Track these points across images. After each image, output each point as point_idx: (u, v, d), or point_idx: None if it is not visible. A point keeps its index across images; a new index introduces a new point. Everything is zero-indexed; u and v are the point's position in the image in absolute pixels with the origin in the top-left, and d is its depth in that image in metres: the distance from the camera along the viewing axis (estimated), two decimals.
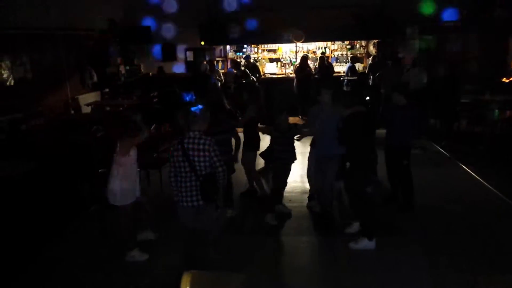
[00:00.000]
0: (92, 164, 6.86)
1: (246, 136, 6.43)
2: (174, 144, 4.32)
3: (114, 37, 12.11)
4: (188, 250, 4.58)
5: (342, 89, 11.52)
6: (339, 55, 14.22)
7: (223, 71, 13.46)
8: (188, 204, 4.29)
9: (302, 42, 13.35)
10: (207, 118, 4.41)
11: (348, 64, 13.07)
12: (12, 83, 8.02)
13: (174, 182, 4.38)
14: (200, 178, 4.20)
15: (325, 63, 12.48)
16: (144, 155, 6.86)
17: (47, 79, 9.18)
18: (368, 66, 12.70)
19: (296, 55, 14.01)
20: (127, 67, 12.99)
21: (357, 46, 14.26)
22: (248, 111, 6.42)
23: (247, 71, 11.45)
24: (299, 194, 6.77)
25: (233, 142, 6.16)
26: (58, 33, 9.58)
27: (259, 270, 4.77)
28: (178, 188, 4.34)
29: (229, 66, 13.62)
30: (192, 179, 4.22)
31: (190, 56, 14.00)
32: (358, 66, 13.43)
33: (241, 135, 6.37)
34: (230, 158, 5.94)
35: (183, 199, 4.31)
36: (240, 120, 6.53)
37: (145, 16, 12.95)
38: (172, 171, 4.37)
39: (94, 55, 11.23)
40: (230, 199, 6.16)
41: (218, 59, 14.17)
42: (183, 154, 4.19)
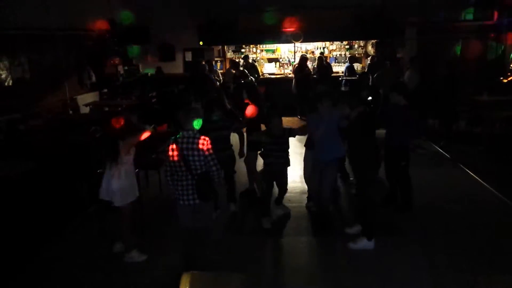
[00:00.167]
0: (91, 165, 6.85)
1: (248, 137, 6.42)
2: (169, 144, 4.34)
3: (112, 37, 12.09)
4: (188, 250, 4.57)
5: (345, 89, 11.56)
6: (337, 55, 14.23)
7: (221, 71, 13.46)
8: (184, 202, 4.33)
9: (301, 42, 13.35)
10: (202, 117, 4.42)
11: (346, 64, 13.08)
12: (10, 83, 8.01)
13: (171, 180, 4.42)
14: (195, 177, 4.21)
15: (323, 63, 12.48)
16: (143, 155, 6.85)
17: (45, 79, 9.16)
18: (367, 66, 12.71)
19: (294, 55, 14.02)
20: (126, 68, 12.98)
21: (355, 46, 14.27)
22: (247, 110, 6.41)
23: (246, 71, 11.45)
24: (298, 194, 6.76)
25: (233, 141, 6.14)
26: (57, 33, 9.56)
27: (259, 270, 4.78)
28: (175, 187, 4.39)
29: (227, 66, 13.62)
30: (188, 177, 4.26)
31: (188, 56, 14.01)
32: (357, 66, 13.44)
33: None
34: (230, 155, 5.94)
35: (180, 197, 4.35)
36: (242, 121, 6.50)
37: (143, 16, 12.92)
38: (169, 170, 4.41)
39: (93, 55, 11.21)
40: (233, 196, 6.18)
41: (216, 59, 14.17)
42: (178, 154, 4.21)
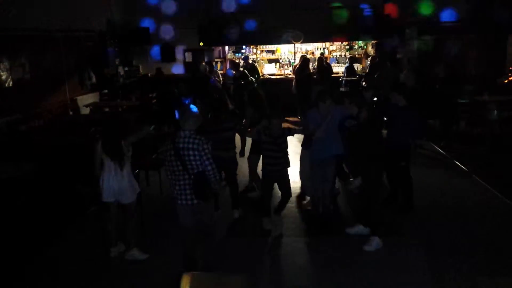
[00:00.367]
0: (91, 165, 6.84)
1: (251, 139, 6.42)
2: (167, 144, 4.35)
3: (113, 38, 12.10)
4: (188, 251, 4.57)
5: (345, 89, 11.57)
6: (338, 56, 14.22)
7: (222, 72, 13.45)
8: (182, 202, 4.34)
9: (301, 43, 13.35)
10: (199, 117, 4.43)
11: (346, 64, 13.06)
12: (11, 84, 8.01)
13: (171, 180, 4.44)
14: (192, 177, 4.22)
15: (323, 63, 12.47)
16: (143, 156, 6.86)
17: (46, 80, 9.17)
18: (369, 66, 12.67)
19: (294, 55, 14.01)
20: (126, 68, 12.99)
21: (355, 47, 14.26)
22: (247, 112, 6.42)
23: (246, 72, 11.44)
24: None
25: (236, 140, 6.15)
26: (57, 34, 9.57)
27: (259, 272, 4.78)
28: (174, 187, 4.40)
29: (228, 67, 13.61)
30: (185, 177, 4.27)
31: (188, 57, 14.02)
32: (357, 67, 13.43)
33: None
34: (232, 156, 5.92)
35: (178, 197, 4.37)
36: (244, 123, 6.47)
37: (143, 17, 12.93)
38: (168, 169, 4.42)
39: (93, 56, 11.22)
40: (237, 202, 6.14)
41: (217, 60, 14.16)
42: (175, 153, 4.23)
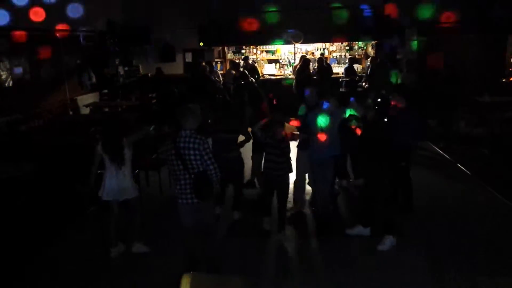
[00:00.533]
0: (91, 165, 6.84)
1: (254, 139, 6.41)
2: (169, 143, 4.37)
3: (113, 38, 12.09)
4: (189, 251, 4.57)
5: (345, 90, 11.56)
6: (338, 56, 14.22)
7: (222, 72, 13.45)
8: (183, 201, 4.36)
9: (301, 43, 13.35)
10: (199, 116, 4.44)
11: (346, 65, 13.06)
12: (11, 84, 8.01)
13: (173, 179, 4.44)
14: (192, 176, 4.23)
15: (324, 64, 12.47)
16: (143, 156, 6.86)
17: (46, 80, 9.17)
18: (370, 67, 12.61)
19: (294, 56, 14.01)
20: (126, 68, 12.98)
21: (355, 47, 14.26)
22: (247, 112, 6.42)
23: (246, 72, 11.43)
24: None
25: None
26: (57, 34, 9.57)
27: (259, 272, 4.77)
28: (175, 186, 4.42)
29: (228, 67, 13.61)
30: (186, 177, 4.28)
31: (188, 57, 14.02)
32: (357, 67, 13.42)
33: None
34: (236, 157, 5.90)
35: (179, 196, 4.38)
36: (245, 123, 6.46)
37: (144, 17, 12.92)
38: (170, 169, 4.45)
39: (93, 56, 11.21)
40: (239, 203, 6.13)
41: (217, 60, 14.17)
42: (175, 153, 4.25)
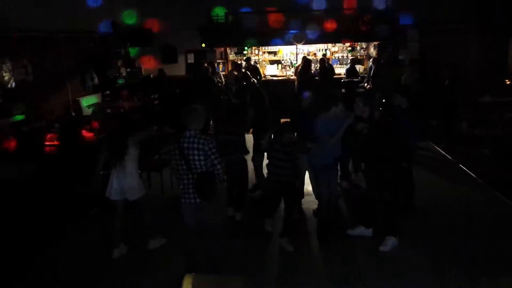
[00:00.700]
0: (93, 166, 6.85)
1: (255, 139, 6.40)
2: (173, 143, 4.41)
3: (115, 39, 12.11)
4: (191, 251, 4.58)
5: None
6: (340, 57, 14.21)
7: (224, 73, 13.46)
8: (186, 201, 4.38)
9: (303, 44, 13.35)
10: (204, 117, 4.44)
11: (348, 66, 13.04)
12: (13, 85, 8.04)
13: (176, 179, 4.48)
14: (195, 176, 4.24)
15: (326, 65, 12.47)
16: (145, 157, 6.86)
17: (48, 81, 9.18)
18: (374, 68, 12.57)
19: (296, 57, 14.02)
20: (128, 69, 13.00)
21: (357, 48, 14.25)
22: (249, 113, 6.42)
23: (248, 73, 11.44)
24: None
25: None
26: (59, 35, 9.59)
27: (259, 273, 4.78)
28: (179, 186, 4.44)
29: (230, 68, 13.62)
30: (189, 177, 4.31)
31: (190, 58, 14.04)
32: (359, 68, 13.41)
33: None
34: (238, 158, 5.90)
35: (182, 195, 4.40)
36: (246, 125, 6.46)
37: (146, 18, 12.94)
38: (174, 168, 4.46)
39: (95, 57, 11.23)
40: (241, 204, 6.13)
41: (218, 61, 14.18)
42: (179, 153, 4.27)
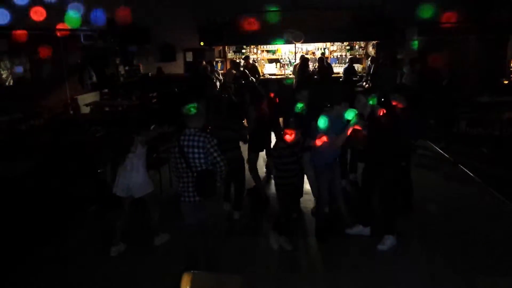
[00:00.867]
0: (91, 164, 6.85)
1: (250, 138, 6.40)
2: (173, 141, 4.40)
3: (113, 37, 12.09)
4: (190, 249, 4.58)
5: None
6: (338, 56, 14.23)
7: (222, 72, 13.46)
8: (185, 199, 4.37)
9: (301, 43, 13.35)
10: (204, 115, 4.43)
11: (346, 64, 13.04)
12: (11, 83, 8.02)
13: (176, 177, 4.48)
14: (195, 174, 4.24)
15: (324, 64, 12.47)
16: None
17: (46, 79, 9.17)
18: (371, 67, 12.57)
19: (295, 56, 14.02)
20: (126, 68, 12.98)
21: (356, 47, 14.27)
22: (250, 113, 6.40)
23: (247, 71, 11.44)
24: None
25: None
26: (58, 33, 9.57)
27: (259, 272, 4.78)
28: (178, 184, 4.43)
29: (228, 66, 13.61)
30: (189, 175, 4.30)
31: (189, 56, 14.03)
32: (357, 67, 13.42)
33: None
34: (236, 155, 5.88)
35: (182, 194, 4.39)
36: (247, 128, 6.45)
37: (144, 16, 12.92)
38: (173, 167, 4.46)
39: (94, 55, 11.22)
40: (240, 203, 6.13)
41: (217, 59, 14.17)
42: (179, 151, 4.26)
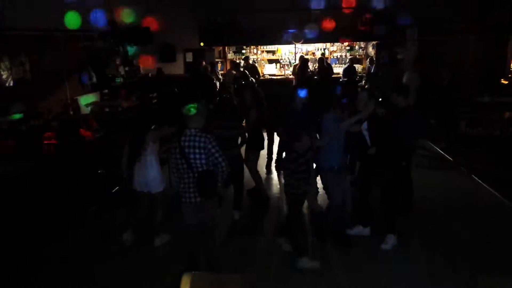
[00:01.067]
0: (92, 165, 6.86)
1: (250, 136, 6.41)
2: (174, 142, 4.38)
3: (113, 38, 12.08)
4: (190, 250, 4.57)
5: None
6: (338, 56, 14.23)
7: (222, 72, 13.46)
8: (186, 200, 4.36)
9: (301, 43, 13.35)
10: (204, 115, 4.43)
11: (346, 65, 13.05)
12: (11, 84, 8.02)
13: (176, 178, 4.45)
14: (196, 175, 4.23)
15: (324, 64, 12.48)
16: None
17: (46, 80, 9.16)
18: (372, 68, 12.57)
19: (295, 56, 14.03)
20: (126, 68, 12.97)
21: (356, 47, 14.27)
22: (251, 113, 6.40)
23: (247, 72, 11.44)
24: None
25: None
26: (58, 33, 9.56)
27: (259, 272, 4.78)
28: (179, 185, 4.41)
29: (228, 67, 13.62)
30: (190, 175, 4.28)
31: (189, 57, 14.03)
32: (357, 67, 13.42)
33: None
34: (235, 154, 5.88)
35: (183, 195, 4.38)
36: (245, 126, 6.46)
37: (144, 17, 12.92)
38: (174, 167, 4.43)
39: (94, 56, 11.21)
40: (239, 203, 6.13)
41: (217, 60, 14.18)
42: (180, 152, 4.24)
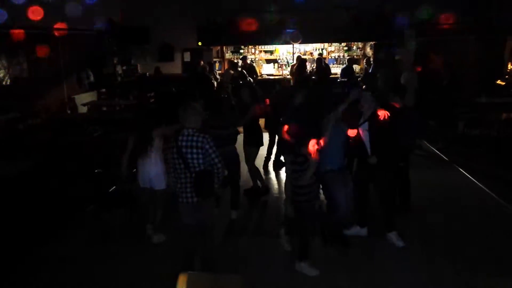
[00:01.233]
0: (89, 164, 6.84)
1: (248, 132, 6.36)
2: (171, 141, 4.36)
3: (111, 37, 12.08)
4: (188, 250, 4.56)
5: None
6: (336, 57, 14.25)
7: (220, 72, 13.46)
8: (183, 200, 4.34)
9: (299, 43, 13.36)
10: (201, 114, 4.42)
11: (344, 65, 13.06)
12: (9, 82, 8.00)
13: (173, 178, 4.44)
14: (193, 175, 4.22)
15: (322, 64, 12.49)
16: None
17: (44, 79, 9.15)
18: (372, 68, 12.56)
19: (293, 56, 14.04)
20: (124, 67, 12.97)
21: (354, 47, 14.29)
22: (251, 109, 6.38)
23: (244, 72, 11.45)
24: None
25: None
26: (56, 32, 9.55)
27: (258, 272, 4.77)
28: (176, 185, 4.40)
29: (226, 67, 13.62)
30: (187, 175, 4.26)
31: (187, 56, 14.02)
32: (355, 68, 13.43)
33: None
34: (231, 151, 5.83)
35: (180, 195, 4.36)
36: (242, 120, 6.44)
37: (143, 16, 12.91)
38: (171, 167, 4.42)
39: (91, 55, 11.20)
40: (237, 202, 6.10)
41: (215, 59, 14.18)
42: (177, 151, 4.23)
